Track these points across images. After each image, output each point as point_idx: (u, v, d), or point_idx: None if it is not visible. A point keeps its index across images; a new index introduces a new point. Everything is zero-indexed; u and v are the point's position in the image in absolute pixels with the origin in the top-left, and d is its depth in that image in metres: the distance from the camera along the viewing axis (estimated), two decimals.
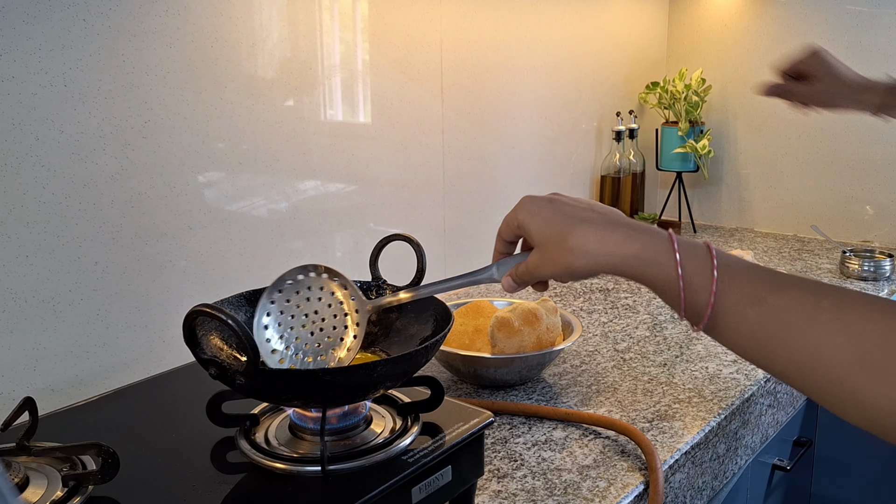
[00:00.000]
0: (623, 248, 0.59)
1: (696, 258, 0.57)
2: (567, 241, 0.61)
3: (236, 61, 1.03)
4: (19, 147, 0.83)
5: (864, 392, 0.49)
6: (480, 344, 1.03)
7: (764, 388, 1.08)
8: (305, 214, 1.16)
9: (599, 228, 0.60)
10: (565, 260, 0.61)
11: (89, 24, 0.87)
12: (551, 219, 0.62)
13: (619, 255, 0.59)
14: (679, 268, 0.57)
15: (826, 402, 0.52)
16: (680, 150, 1.83)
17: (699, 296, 0.56)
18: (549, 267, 0.63)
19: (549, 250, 0.62)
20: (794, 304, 0.53)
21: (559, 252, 0.61)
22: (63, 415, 0.75)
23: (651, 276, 0.59)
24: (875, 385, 0.49)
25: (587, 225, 0.61)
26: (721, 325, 0.56)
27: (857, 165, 1.76)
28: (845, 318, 0.51)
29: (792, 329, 0.53)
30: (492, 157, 1.50)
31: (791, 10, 1.78)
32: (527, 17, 1.52)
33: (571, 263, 0.61)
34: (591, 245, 0.60)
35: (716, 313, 0.56)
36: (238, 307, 0.75)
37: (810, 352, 0.52)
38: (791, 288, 0.54)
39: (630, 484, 0.81)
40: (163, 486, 0.63)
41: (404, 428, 0.69)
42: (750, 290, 0.55)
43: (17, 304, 0.85)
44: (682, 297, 0.57)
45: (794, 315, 0.53)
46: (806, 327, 0.52)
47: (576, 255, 0.61)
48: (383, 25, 1.23)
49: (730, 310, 0.56)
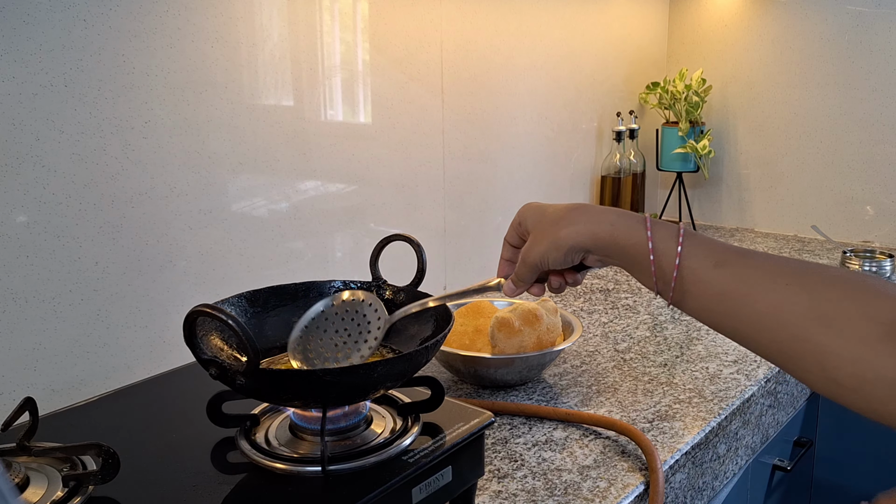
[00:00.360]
0: (601, 217, 0.65)
1: (664, 228, 0.63)
2: (558, 223, 0.66)
3: (236, 61, 1.03)
4: (20, 147, 0.83)
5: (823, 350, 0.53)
6: (481, 344, 1.03)
7: (764, 389, 1.08)
8: (306, 214, 1.16)
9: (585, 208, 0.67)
10: (553, 233, 0.66)
11: (90, 24, 0.87)
12: (545, 209, 0.69)
13: (597, 223, 0.65)
14: (648, 231, 0.62)
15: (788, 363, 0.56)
16: (680, 150, 1.83)
17: (666, 259, 0.61)
18: (537, 245, 0.67)
19: (539, 231, 0.68)
20: (756, 267, 0.58)
21: (548, 229, 0.67)
22: (63, 415, 0.75)
23: (624, 244, 0.63)
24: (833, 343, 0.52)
25: (575, 208, 0.67)
26: (687, 288, 0.61)
27: (857, 165, 1.76)
28: (804, 281, 0.55)
29: (754, 288, 0.57)
30: (492, 157, 1.50)
31: (791, 11, 1.78)
32: (527, 17, 1.52)
33: (559, 236, 0.66)
34: (578, 220, 0.65)
35: (682, 276, 0.61)
36: (238, 307, 0.75)
37: (771, 310, 0.55)
38: (753, 255, 0.59)
39: (630, 484, 0.81)
40: (163, 486, 0.63)
41: (404, 428, 0.69)
42: (714, 254, 0.60)
43: (18, 305, 0.85)
44: (652, 261, 0.62)
45: (756, 275, 0.57)
46: (768, 287, 0.56)
47: (563, 229, 0.66)
48: (384, 25, 1.23)
49: (695, 271, 0.60)
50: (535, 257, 0.68)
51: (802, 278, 0.56)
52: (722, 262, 0.59)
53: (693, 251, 0.61)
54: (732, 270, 0.59)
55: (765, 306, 0.56)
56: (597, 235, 0.64)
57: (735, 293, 0.58)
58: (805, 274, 0.56)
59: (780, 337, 0.55)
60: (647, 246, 0.62)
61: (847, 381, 0.52)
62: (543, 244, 0.67)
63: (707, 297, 0.60)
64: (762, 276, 0.57)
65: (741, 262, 0.59)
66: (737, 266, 0.59)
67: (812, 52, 1.76)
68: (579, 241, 0.65)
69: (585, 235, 0.65)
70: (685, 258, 0.60)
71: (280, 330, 0.75)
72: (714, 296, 0.59)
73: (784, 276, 0.56)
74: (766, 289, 0.56)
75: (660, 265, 0.62)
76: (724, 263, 0.59)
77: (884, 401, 0.51)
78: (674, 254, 0.61)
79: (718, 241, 0.62)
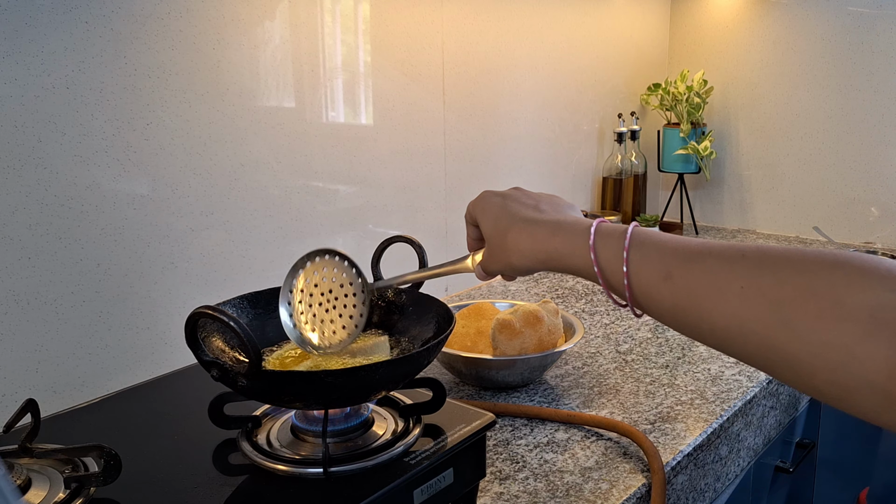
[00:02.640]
0: (547, 244, 0.61)
1: (609, 245, 0.58)
2: (505, 240, 0.63)
3: (238, 63, 1.03)
4: (22, 149, 0.83)
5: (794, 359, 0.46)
6: (482, 346, 1.03)
7: (766, 390, 1.08)
8: (307, 216, 1.16)
9: (531, 225, 0.62)
10: (506, 258, 0.64)
11: (91, 26, 0.87)
12: (497, 216, 0.65)
13: (544, 252, 0.61)
14: (592, 253, 0.58)
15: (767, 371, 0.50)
16: (682, 151, 1.83)
17: (615, 277, 0.57)
18: (495, 264, 0.66)
19: (493, 248, 0.65)
20: (704, 274, 0.52)
21: (501, 251, 0.64)
22: (65, 416, 0.75)
23: (573, 268, 0.60)
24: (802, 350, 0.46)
25: (522, 223, 0.62)
26: (642, 305, 0.57)
27: (859, 166, 1.76)
28: (761, 282, 0.48)
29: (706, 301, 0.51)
30: (493, 158, 1.50)
31: (793, 12, 1.78)
32: (528, 18, 1.52)
33: (511, 262, 0.63)
34: (523, 243, 0.62)
35: (634, 294, 0.56)
36: (240, 309, 0.75)
37: (730, 322, 0.50)
38: (703, 259, 0.53)
39: (632, 486, 0.81)
40: (165, 487, 0.63)
41: (406, 430, 0.69)
42: (661, 266, 0.54)
43: (20, 306, 0.86)
44: (603, 283, 0.58)
45: (705, 286, 0.51)
46: (719, 298, 0.50)
47: (512, 254, 0.63)
48: (385, 27, 1.23)
49: (644, 288, 0.56)
50: (496, 271, 0.67)
51: (758, 278, 0.49)
52: (668, 276, 0.54)
53: (640, 266, 0.56)
54: (679, 282, 0.53)
55: (721, 319, 0.50)
56: (545, 262, 0.62)
57: (687, 308, 0.53)
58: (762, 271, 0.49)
59: (748, 349, 0.49)
60: (593, 268, 0.58)
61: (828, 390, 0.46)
62: (500, 264, 0.65)
63: (663, 313, 0.55)
64: (711, 285, 0.51)
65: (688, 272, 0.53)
66: (683, 276, 0.53)
67: (813, 53, 1.76)
68: (531, 267, 0.63)
69: (534, 262, 0.62)
70: (633, 276, 0.56)
71: (281, 331, 0.75)
72: (668, 311, 0.54)
73: (737, 280, 0.50)
74: (719, 300, 0.50)
75: (611, 284, 0.58)
76: (670, 276, 0.54)
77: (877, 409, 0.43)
78: (621, 272, 0.56)
79: (668, 244, 0.56)
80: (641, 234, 0.57)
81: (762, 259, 0.50)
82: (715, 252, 0.52)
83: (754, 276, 0.49)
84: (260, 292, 0.77)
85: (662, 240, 0.56)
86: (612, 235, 0.58)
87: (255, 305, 0.76)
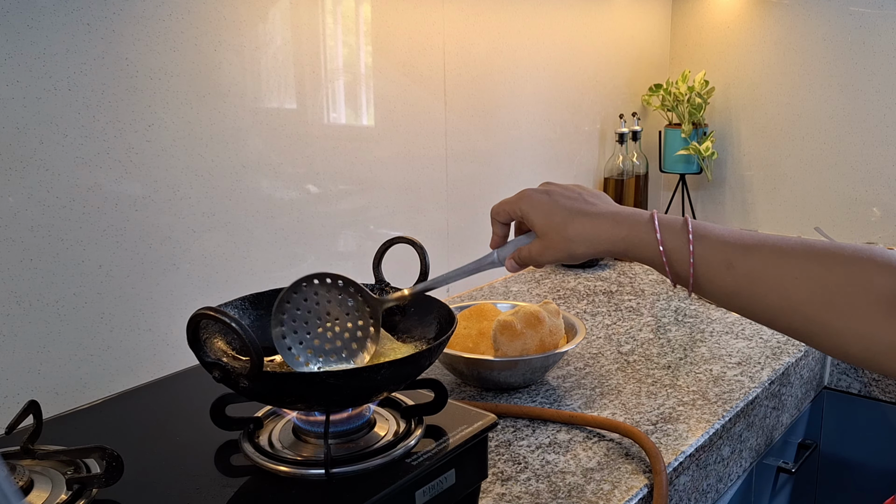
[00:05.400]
0: (612, 234, 0.68)
1: (674, 234, 0.66)
2: (566, 231, 0.69)
3: (240, 65, 1.03)
4: (24, 151, 0.83)
5: (834, 331, 0.59)
6: (484, 347, 1.03)
7: (768, 391, 1.08)
8: (309, 217, 1.16)
9: (592, 218, 0.69)
10: (567, 248, 0.70)
11: (93, 28, 0.87)
12: (550, 210, 0.71)
13: (609, 241, 0.69)
14: (660, 245, 0.66)
15: (806, 341, 0.62)
16: (683, 152, 1.82)
17: (681, 266, 0.66)
18: (552, 253, 0.71)
19: (551, 239, 0.70)
20: (762, 265, 0.62)
21: (561, 241, 0.70)
22: (67, 418, 0.75)
23: (639, 255, 0.68)
24: (840, 324, 0.59)
25: (582, 216, 0.69)
26: (704, 289, 0.66)
27: (861, 167, 1.76)
28: (810, 273, 0.60)
29: (762, 286, 0.62)
30: (495, 159, 1.50)
31: (794, 12, 1.78)
32: (529, 20, 1.52)
33: (573, 250, 0.70)
34: (587, 233, 0.69)
35: (697, 279, 0.65)
36: (242, 310, 0.75)
37: (783, 302, 0.61)
38: (759, 250, 0.63)
39: (634, 487, 0.81)
40: (167, 489, 0.63)
41: (408, 431, 0.69)
42: (723, 257, 0.64)
43: (22, 308, 0.86)
44: (668, 270, 0.66)
45: (764, 273, 0.62)
46: (777, 284, 0.61)
47: (576, 244, 0.69)
48: (386, 29, 1.23)
49: (707, 275, 0.65)
50: (550, 261, 0.71)
51: (807, 268, 0.60)
52: (730, 265, 0.64)
53: (704, 257, 0.65)
54: (740, 270, 0.63)
55: (775, 300, 0.61)
56: (609, 251, 0.69)
57: (746, 292, 0.63)
58: (810, 262, 0.60)
59: (794, 323, 0.61)
60: (660, 256, 0.66)
61: (859, 354, 0.59)
62: (560, 253, 0.70)
63: (722, 295, 0.65)
64: (769, 271, 0.62)
65: (747, 263, 0.63)
66: (743, 265, 0.63)
67: (815, 54, 1.76)
68: (593, 255, 0.70)
69: (597, 250, 0.69)
70: (698, 264, 0.65)
71: None
72: (727, 295, 0.65)
73: (791, 269, 0.61)
74: (775, 286, 0.61)
75: (674, 269, 0.66)
76: (732, 266, 0.63)
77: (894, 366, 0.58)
78: (687, 259, 0.65)
79: (726, 236, 0.65)
80: (700, 227, 0.66)
81: (809, 251, 0.61)
82: (769, 244, 0.63)
83: (805, 267, 0.60)
84: (261, 294, 0.77)
85: (720, 232, 0.66)
86: (674, 228, 0.66)
87: (256, 307, 0.76)
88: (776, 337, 1.22)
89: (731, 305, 0.66)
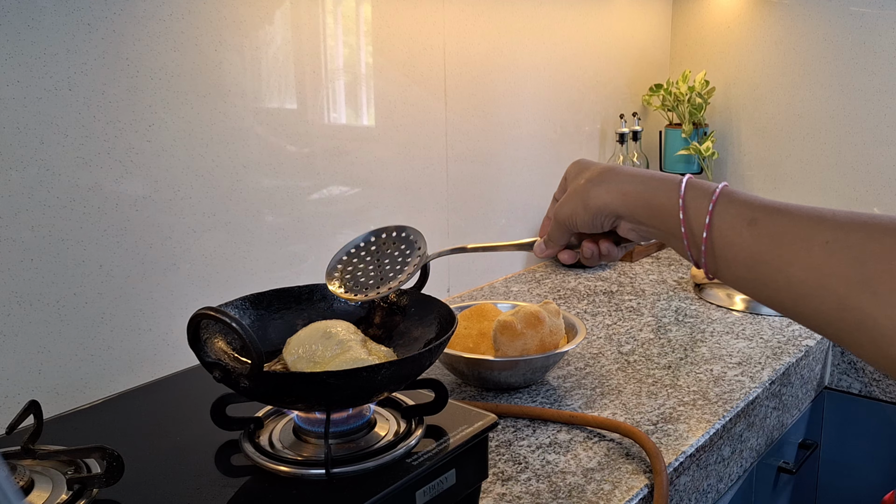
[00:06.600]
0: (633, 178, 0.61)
1: (700, 188, 0.58)
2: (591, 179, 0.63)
3: (240, 65, 1.03)
4: (24, 151, 0.84)
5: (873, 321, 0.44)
6: (484, 347, 1.03)
7: (769, 391, 1.08)
8: (309, 217, 1.16)
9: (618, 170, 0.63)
10: (583, 192, 0.63)
11: (94, 28, 0.87)
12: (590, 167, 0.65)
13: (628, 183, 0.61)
14: (680, 199, 0.57)
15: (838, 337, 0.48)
16: (683, 152, 1.82)
17: (697, 221, 0.56)
18: (568, 204, 0.64)
19: (573, 189, 0.65)
20: (791, 222, 0.51)
21: (581, 187, 0.64)
22: (68, 418, 0.75)
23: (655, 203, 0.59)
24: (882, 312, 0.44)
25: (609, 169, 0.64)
26: (719, 253, 0.55)
27: (861, 167, 1.76)
28: (846, 240, 0.47)
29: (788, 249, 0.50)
30: (495, 159, 1.50)
31: (794, 12, 1.78)
32: (530, 20, 1.52)
33: (586, 193, 0.63)
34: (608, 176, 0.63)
35: (712, 239, 0.55)
36: (242, 310, 0.75)
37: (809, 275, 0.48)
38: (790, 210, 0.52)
39: (634, 487, 0.81)
40: (167, 489, 0.63)
41: (408, 431, 0.69)
42: (747, 212, 0.53)
43: (22, 308, 0.86)
44: (684, 232, 0.57)
45: (791, 233, 0.50)
46: (804, 248, 0.49)
47: (591, 186, 0.63)
48: (387, 29, 1.23)
49: (726, 233, 0.54)
50: (564, 216, 0.65)
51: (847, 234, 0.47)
52: (753, 220, 0.52)
53: (726, 210, 0.54)
54: (763, 229, 0.51)
55: (801, 272, 0.48)
56: (626, 196, 0.60)
57: (767, 256, 0.51)
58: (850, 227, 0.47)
59: (824, 307, 0.47)
60: (677, 206, 0.57)
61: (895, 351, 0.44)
62: (573, 203, 0.64)
63: (739, 264, 0.53)
64: (797, 233, 0.49)
65: (774, 218, 0.51)
66: (768, 223, 0.51)
67: (815, 54, 1.76)
68: (608, 203, 0.61)
69: (615, 195, 0.61)
70: (716, 218, 0.54)
71: (284, 333, 0.75)
72: (746, 260, 0.53)
73: (823, 232, 0.48)
74: (802, 249, 0.49)
75: (690, 228, 0.56)
76: (755, 221, 0.52)
77: None
78: (705, 213, 0.55)
79: (760, 198, 0.55)
80: (731, 189, 0.57)
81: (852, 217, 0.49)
82: (805, 208, 0.52)
83: (842, 231, 0.48)
84: (262, 293, 0.77)
85: (751, 195, 0.56)
86: (702, 188, 0.58)
87: (257, 307, 0.76)
88: (777, 337, 1.22)
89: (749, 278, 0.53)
